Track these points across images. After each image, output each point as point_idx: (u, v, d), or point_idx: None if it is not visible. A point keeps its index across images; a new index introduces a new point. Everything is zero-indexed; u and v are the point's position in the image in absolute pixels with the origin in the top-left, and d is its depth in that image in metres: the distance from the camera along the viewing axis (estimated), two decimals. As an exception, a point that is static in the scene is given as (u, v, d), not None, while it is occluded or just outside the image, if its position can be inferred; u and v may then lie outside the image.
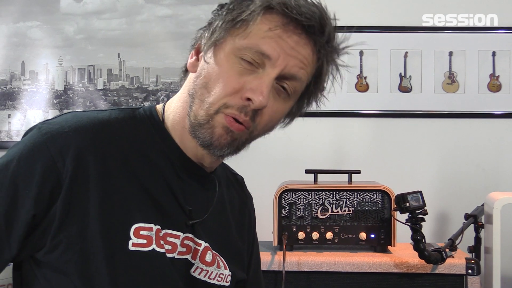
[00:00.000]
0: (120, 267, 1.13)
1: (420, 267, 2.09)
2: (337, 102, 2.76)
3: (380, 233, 2.22)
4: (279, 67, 1.11)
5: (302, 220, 2.23)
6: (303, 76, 1.15)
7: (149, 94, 2.83)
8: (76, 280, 1.12)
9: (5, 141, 2.78)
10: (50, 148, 1.11)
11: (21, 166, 1.10)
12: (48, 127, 1.14)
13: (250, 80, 1.12)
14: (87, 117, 1.18)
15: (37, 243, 1.12)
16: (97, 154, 1.14)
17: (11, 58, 2.84)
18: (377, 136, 2.79)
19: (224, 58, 1.13)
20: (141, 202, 1.17)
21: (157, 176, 1.20)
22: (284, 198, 2.24)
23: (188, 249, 1.23)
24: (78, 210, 1.11)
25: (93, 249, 1.11)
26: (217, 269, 1.27)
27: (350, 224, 2.23)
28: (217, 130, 1.13)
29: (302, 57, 1.13)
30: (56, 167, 1.10)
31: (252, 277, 1.42)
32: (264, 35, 1.11)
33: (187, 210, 1.23)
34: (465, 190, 2.71)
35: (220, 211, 1.32)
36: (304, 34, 1.12)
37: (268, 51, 1.11)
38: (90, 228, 1.11)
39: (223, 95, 1.12)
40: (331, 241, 2.22)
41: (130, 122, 1.22)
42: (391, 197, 2.20)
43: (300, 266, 2.11)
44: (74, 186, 1.11)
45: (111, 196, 1.13)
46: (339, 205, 2.24)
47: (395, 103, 2.78)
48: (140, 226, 1.15)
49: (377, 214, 2.23)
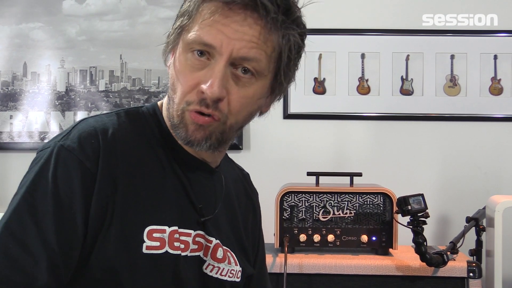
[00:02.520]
0: (137, 271, 1.13)
1: (421, 270, 2.09)
2: (338, 104, 2.77)
3: (382, 236, 2.22)
4: (225, 53, 1.10)
5: (304, 223, 2.23)
6: (258, 55, 1.12)
7: (151, 96, 2.83)
8: (99, 283, 1.12)
9: (6, 142, 2.77)
10: (83, 160, 1.10)
11: (60, 188, 1.08)
12: (72, 142, 1.13)
13: (204, 74, 1.12)
14: (102, 122, 1.18)
15: None
16: (116, 157, 1.14)
17: (13, 59, 2.84)
18: (378, 138, 2.79)
19: (178, 58, 1.15)
20: (155, 203, 1.17)
21: (169, 174, 1.21)
22: (286, 201, 2.24)
23: (200, 246, 1.23)
24: (106, 214, 1.11)
25: (114, 252, 1.11)
26: (228, 265, 1.28)
27: (351, 227, 2.24)
28: (189, 127, 1.15)
29: (250, 37, 1.10)
30: (91, 173, 1.10)
31: (257, 272, 1.43)
32: (205, 24, 1.10)
33: (198, 207, 1.23)
34: (467, 193, 2.70)
35: (228, 206, 1.33)
36: (249, 13, 1.09)
37: (209, 40, 1.10)
38: (111, 232, 1.11)
39: (184, 94, 1.14)
40: (332, 244, 2.22)
41: (137, 123, 1.23)
42: (392, 199, 2.20)
43: (302, 269, 2.11)
44: (102, 189, 1.11)
45: (128, 198, 1.14)
46: (341, 208, 2.24)
47: (397, 106, 2.78)
48: (153, 228, 1.15)
49: (379, 216, 2.23)
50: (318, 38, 2.71)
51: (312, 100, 2.78)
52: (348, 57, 2.79)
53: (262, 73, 1.15)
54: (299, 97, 2.75)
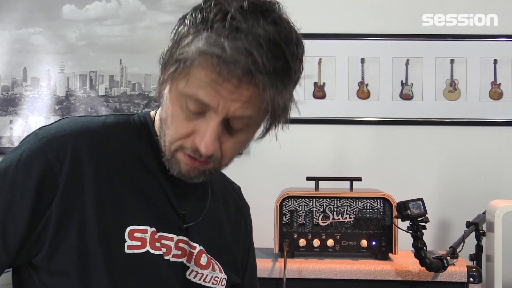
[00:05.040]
0: (118, 270, 1.14)
1: (421, 275, 2.09)
2: (338, 109, 2.77)
3: (382, 241, 2.22)
4: (221, 114, 1.08)
5: (303, 227, 2.23)
6: (253, 112, 1.10)
7: (151, 101, 2.83)
8: (74, 282, 1.13)
9: (6, 147, 2.78)
10: (47, 152, 1.12)
11: (19, 172, 1.12)
12: (45, 133, 1.16)
13: (198, 124, 1.10)
14: (82, 121, 1.19)
15: (33, 248, 1.13)
16: (92, 156, 1.15)
17: (13, 64, 2.84)
18: (378, 143, 2.79)
19: (173, 100, 1.11)
20: (135, 204, 1.18)
21: (151, 180, 1.21)
22: (285, 205, 2.24)
23: (183, 252, 1.24)
24: (75, 213, 1.12)
25: (91, 251, 1.12)
26: (212, 272, 1.28)
27: (351, 232, 2.23)
28: (183, 166, 1.15)
29: (245, 98, 1.07)
30: (53, 171, 1.11)
31: (247, 283, 1.42)
32: (201, 82, 1.06)
33: (181, 214, 1.24)
34: (467, 198, 2.70)
35: (215, 216, 1.33)
36: (243, 76, 1.04)
37: (206, 100, 1.07)
38: (87, 231, 1.12)
39: (177, 138, 1.13)
40: (332, 249, 2.22)
41: (124, 128, 1.23)
42: (392, 204, 2.20)
43: (301, 274, 2.11)
44: (69, 189, 1.12)
45: (106, 198, 1.14)
46: (340, 212, 2.24)
47: (397, 110, 2.78)
48: (134, 228, 1.16)
49: (378, 221, 2.23)
50: (318, 43, 2.72)
51: (312, 105, 2.78)
52: (348, 61, 2.79)
53: (256, 123, 1.15)
54: (299, 101, 2.74)
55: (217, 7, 1.06)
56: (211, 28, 1.05)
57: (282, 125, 1.17)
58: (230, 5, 1.05)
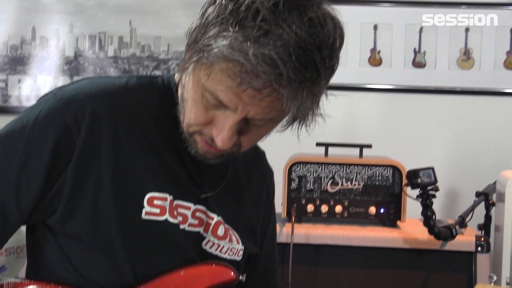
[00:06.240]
0: (134, 236, 1.13)
1: (429, 243, 2.08)
2: (349, 76, 2.73)
3: (390, 208, 2.21)
4: (239, 115, 1.04)
5: (312, 193, 2.22)
6: (274, 115, 1.05)
7: (160, 63, 2.80)
8: (88, 247, 1.12)
9: (15, 106, 2.77)
10: (65, 115, 1.10)
11: (36, 132, 1.10)
12: (64, 93, 1.13)
13: (218, 116, 1.06)
14: (103, 84, 1.16)
15: (47, 210, 1.12)
16: (111, 120, 1.12)
17: (22, 23, 2.81)
18: (389, 111, 2.76)
19: (195, 85, 1.07)
20: (155, 171, 1.16)
21: (171, 147, 1.18)
22: (294, 171, 2.22)
23: (200, 222, 1.22)
24: (90, 178, 1.10)
25: (107, 217, 1.11)
26: (229, 243, 1.26)
27: (359, 199, 2.22)
28: (200, 149, 1.12)
29: (266, 104, 1.01)
30: (70, 134, 1.09)
31: (265, 252, 1.40)
32: (222, 84, 1.01)
33: (200, 183, 1.22)
34: (477, 168, 2.68)
35: (234, 185, 1.30)
36: (265, 88, 0.98)
37: (225, 101, 1.02)
38: (103, 196, 1.11)
39: (195, 124, 1.09)
40: (340, 215, 2.21)
41: (147, 92, 1.20)
42: (402, 172, 2.18)
43: (308, 239, 2.10)
44: (86, 153, 1.10)
45: (124, 164, 1.12)
46: (349, 179, 2.22)
47: (409, 78, 2.74)
48: (154, 195, 1.14)
49: (387, 189, 2.21)
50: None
51: (323, 71, 2.74)
52: (361, 28, 2.75)
53: (278, 121, 1.10)
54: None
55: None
56: (238, 26, 0.97)
57: (306, 125, 1.10)
58: (263, 1, 0.97)
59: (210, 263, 1.20)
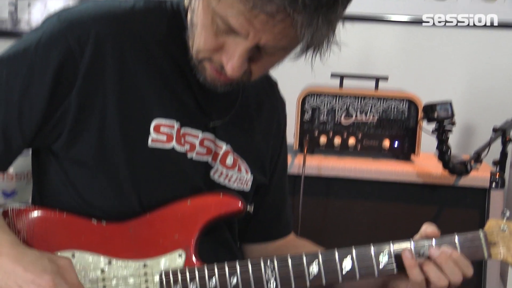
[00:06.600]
0: (140, 163, 1.11)
1: (443, 178, 2.05)
2: (366, 6, 2.65)
3: (404, 142, 2.17)
4: (250, 41, 0.99)
5: (325, 125, 2.18)
6: (286, 43, 1.01)
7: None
8: (93, 173, 1.11)
9: (25, 30, 2.73)
10: (68, 37, 1.07)
11: (39, 54, 1.07)
12: (68, 15, 1.10)
13: (228, 42, 1.02)
14: (108, 6, 1.13)
15: (50, 135, 1.11)
16: (116, 44, 1.09)
17: None
18: (407, 43, 2.69)
19: (205, 8, 1.02)
20: (162, 97, 1.13)
21: (178, 74, 1.15)
22: (308, 102, 2.18)
23: (208, 150, 1.20)
24: (95, 103, 1.08)
25: (112, 143, 1.09)
26: (237, 172, 1.25)
27: (374, 131, 2.18)
28: (209, 74, 1.09)
29: (279, 30, 0.97)
30: (73, 57, 1.07)
31: (276, 183, 1.39)
32: (233, 9, 0.96)
33: (208, 111, 1.19)
34: (495, 103, 2.62)
35: (244, 114, 1.28)
36: (278, 13, 0.94)
37: (236, 27, 0.98)
38: (108, 121, 1.09)
39: (205, 49, 1.05)
40: (353, 148, 2.18)
41: (155, 15, 1.16)
42: (418, 106, 2.13)
43: (320, 171, 2.08)
44: (90, 77, 1.08)
45: (129, 89, 1.10)
46: (364, 112, 2.18)
47: (428, 9, 2.64)
48: (161, 122, 1.12)
49: (402, 123, 2.17)
50: None
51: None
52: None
53: (291, 49, 1.06)
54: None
55: None
56: None
57: (321, 54, 1.05)
58: None
59: (218, 193, 1.18)
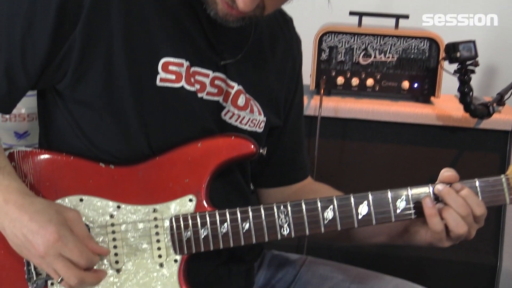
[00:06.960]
0: (148, 104, 1.08)
1: (463, 120, 1.99)
2: None
3: (424, 83, 2.10)
4: None
5: (343, 65, 2.12)
6: None
7: None
8: (101, 113, 1.08)
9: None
10: None
11: None
12: None
13: None
14: None
15: (55, 75, 1.07)
16: None
17: None
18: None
19: None
20: (170, 35, 1.08)
21: (187, 9, 1.10)
22: (325, 41, 2.11)
23: (220, 90, 1.16)
24: (101, 41, 1.04)
25: (119, 82, 1.05)
26: (250, 114, 1.20)
27: (393, 72, 2.11)
28: (220, 9, 1.04)
29: None
30: None
31: (291, 125, 1.34)
32: None
33: (219, 49, 1.14)
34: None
35: (257, 52, 1.23)
36: None
37: None
38: (115, 60, 1.04)
39: None
40: (371, 89, 2.11)
41: None
42: (439, 45, 2.05)
43: (337, 112, 2.03)
44: (95, 13, 1.02)
45: (136, 26, 1.05)
46: (383, 51, 2.11)
47: None
48: (169, 60, 1.08)
49: (423, 63, 2.10)
50: None
51: None
52: None
53: None
54: None
55: None
56: None
57: None
58: None
59: (229, 135, 1.14)
